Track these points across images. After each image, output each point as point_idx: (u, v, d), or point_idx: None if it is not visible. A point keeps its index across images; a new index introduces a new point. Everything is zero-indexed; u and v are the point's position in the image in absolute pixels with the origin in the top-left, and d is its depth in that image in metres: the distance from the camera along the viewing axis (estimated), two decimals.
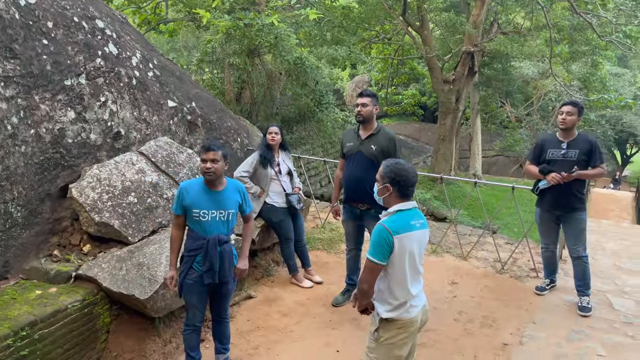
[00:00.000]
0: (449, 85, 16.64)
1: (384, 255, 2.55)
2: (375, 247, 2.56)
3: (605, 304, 4.74)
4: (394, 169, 2.69)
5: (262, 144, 4.99)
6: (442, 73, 16.86)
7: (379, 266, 2.57)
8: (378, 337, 2.70)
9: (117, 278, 3.81)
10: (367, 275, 2.61)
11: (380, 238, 2.56)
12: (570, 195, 4.52)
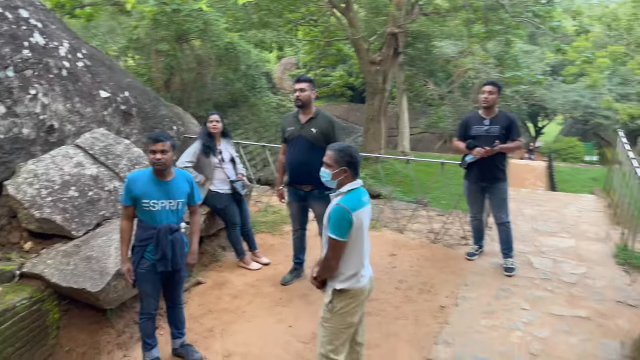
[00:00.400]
0: (375, 66, 17.05)
1: (345, 232, 2.75)
2: (336, 226, 2.75)
3: (526, 263, 5.25)
4: (348, 152, 2.88)
5: (203, 133, 5.03)
6: (369, 54, 17.24)
7: (342, 243, 2.77)
8: (332, 308, 2.92)
9: (66, 273, 3.79)
10: (333, 252, 2.80)
11: (340, 217, 2.75)
12: (494, 168, 4.94)
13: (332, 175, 2.88)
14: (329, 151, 2.93)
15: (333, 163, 2.90)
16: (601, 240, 5.90)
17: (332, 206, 2.83)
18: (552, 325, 4.14)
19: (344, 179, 2.89)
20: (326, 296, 2.98)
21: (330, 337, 2.95)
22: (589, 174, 17.87)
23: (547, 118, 40.69)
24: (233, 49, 8.63)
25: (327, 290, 2.99)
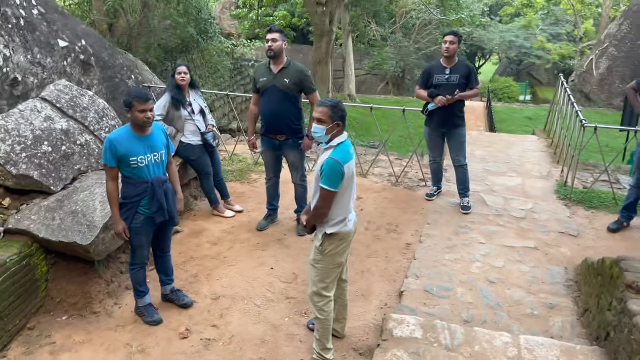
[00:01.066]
0: (321, 8, 16.81)
1: (337, 183, 2.99)
2: (329, 178, 2.97)
3: (480, 201, 5.74)
4: (341, 107, 3.07)
5: (172, 85, 5.00)
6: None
7: (333, 193, 3.01)
8: (323, 250, 3.20)
9: (53, 228, 3.85)
10: (325, 202, 3.03)
11: (333, 169, 2.97)
12: (453, 115, 5.29)
13: (326, 130, 3.06)
14: (322, 107, 3.08)
15: (327, 119, 3.06)
16: (544, 178, 6.50)
17: (323, 159, 3.04)
18: (505, 255, 4.66)
19: (335, 133, 3.09)
20: (316, 240, 3.24)
21: (322, 276, 3.25)
22: (523, 113, 18.84)
23: (483, 57, 41.88)
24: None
25: (317, 235, 3.25)
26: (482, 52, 38.26)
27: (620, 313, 3.18)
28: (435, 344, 3.41)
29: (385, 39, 26.52)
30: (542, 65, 33.60)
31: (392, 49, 26.02)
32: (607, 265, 3.63)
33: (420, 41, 28.75)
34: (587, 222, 5.31)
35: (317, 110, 3.07)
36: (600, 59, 20.40)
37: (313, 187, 3.22)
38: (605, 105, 19.40)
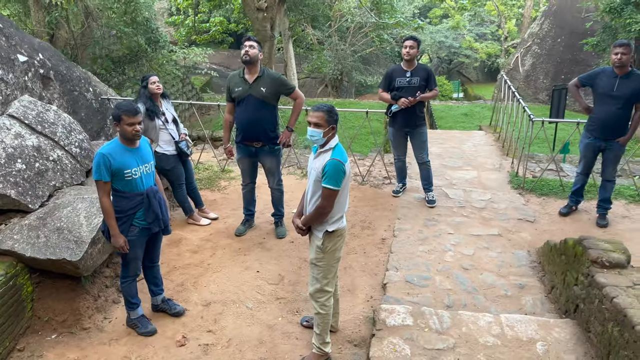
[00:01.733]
0: (262, 13, 16.92)
1: (340, 182, 3.16)
2: (333, 178, 3.14)
3: (443, 195, 6.10)
4: (335, 111, 3.24)
5: (144, 96, 4.99)
6: (254, 1, 17.03)
7: (337, 192, 3.18)
8: (324, 248, 3.37)
9: (39, 246, 3.80)
10: (329, 201, 3.19)
11: (337, 170, 3.14)
12: (415, 115, 5.61)
13: (323, 133, 3.23)
14: (319, 112, 3.23)
15: (324, 122, 3.23)
16: (497, 170, 6.98)
17: (325, 161, 3.20)
18: (474, 244, 5.01)
19: (330, 136, 3.28)
20: (316, 240, 3.39)
21: (325, 272, 3.42)
22: (459, 110, 19.72)
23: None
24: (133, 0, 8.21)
25: (316, 235, 3.40)
26: None
27: (589, 286, 3.55)
28: (427, 329, 3.66)
29: (322, 42, 26.93)
30: (471, 64, 35.30)
31: (330, 53, 26.47)
32: (570, 245, 4.02)
33: (356, 44, 29.44)
34: (541, 208, 5.78)
35: (313, 115, 3.22)
36: (525, 57, 21.72)
37: (311, 189, 3.37)
38: (532, 100, 20.64)
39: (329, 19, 26.42)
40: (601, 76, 5.03)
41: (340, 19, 27.31)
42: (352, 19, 27.22)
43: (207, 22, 27.43)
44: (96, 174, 3.44)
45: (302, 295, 4.34)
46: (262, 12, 16.72)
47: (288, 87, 4.81)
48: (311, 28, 25.91)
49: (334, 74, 27.47)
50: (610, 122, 5.00)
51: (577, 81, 5.28)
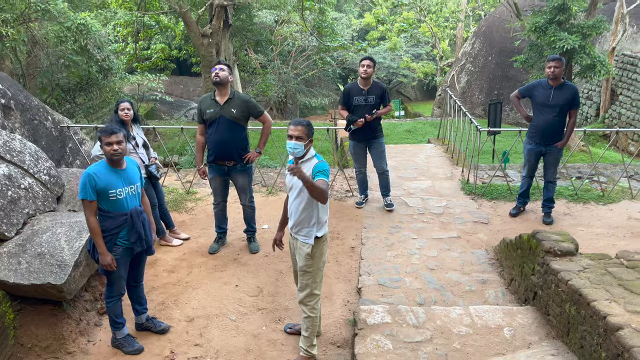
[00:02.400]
0: (207, 39, 17.10)
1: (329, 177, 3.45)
2: (326, 173, 3.41)
3: (403, 204, 6.47)
4: (311, 125, 3.52)
5: (115, 121, 5.08)
6: (199, 27, 17.18)
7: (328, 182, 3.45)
8: (313, 254, 3.59)
9: (22, 272, 3.81)
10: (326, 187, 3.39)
11: (326, 168, 3.45)
12: (374, 129, 6.00)
13: (304, 145, 3.49)
14: (300, 126, 3.48)
15: (305, 136, 3.49)
16: (449, 179, 7.45)
17: (312, 165, 3.46)
18: (436, 246, 5.38)
19: (309, 147, 3.55)
20: (305, 247, 3.59)
21: (314, 277, 3.64)
22: (403, 127, 20.49)
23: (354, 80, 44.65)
24: (87, 30, 8.21)
25: (304, 243, 3.60)
26: (354, 75, 40.70)
27: (545, 274, 3.96)
28: (404, 325, 3.95)
29: (265, 66, 27.32)
30: (409, 83, 36.73)
31: (273, 76, 26.88)
32: (525, 240, 4.44)
33: (298, 67, 30.06)
34: (493, 211, 6.25)
35: (295, 129, 3.47)
36: (461, 74, 22.96)
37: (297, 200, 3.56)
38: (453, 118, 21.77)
39: (272, 43, 26.91)
40: (538, 88, 5.58)
41: (282, 43, 27.90)
42: (293, 43, 27.89)
43: (148, 49, 27.24)
44: (82, 193, 3.53)
45: (283, 305, 4.53)
46: (207, 38, 16.88)
47: (257, 110, 5.05)
48: (253, 52, 26.28)
49: (279, 97, 27.88)
50: (548, 128, 5.54)
51: (518, 93, 5.81)
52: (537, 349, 3.66)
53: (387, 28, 32.14)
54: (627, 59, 15.56)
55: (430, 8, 26.35)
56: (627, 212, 5.96)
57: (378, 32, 35.59)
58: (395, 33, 31.87)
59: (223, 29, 17.44)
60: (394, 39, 31.21)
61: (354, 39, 33.10)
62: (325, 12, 21.73)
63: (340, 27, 33.46)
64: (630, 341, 2.84)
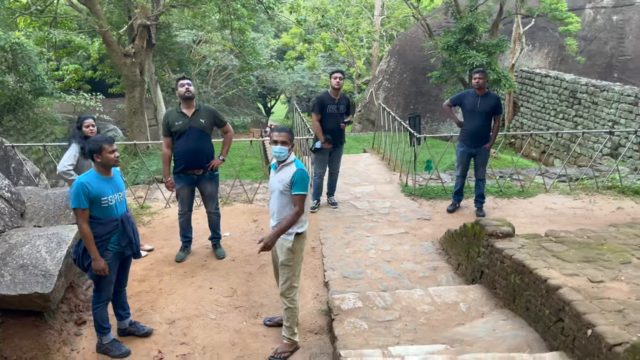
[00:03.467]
0: (130, 59, 16.93)
1: (307, 187, 3.80)
2: (302, 185, 3.75)
3: (352, 207, 6.98)
4: (292, 132, 3.89)
5: (79, 136, 5.16)
6: (120, 47, 16.96)
7: (306, 195, 3.80)
8: (294, 249, 3.95)
9: (7, 284, 3.86)
10: (302, 204, 3.77)
11: (304, 177, 3.77)
12: (342, 135, 6.54)
13: (288, 150, 3.85)
14: (284, 132, 3.84)
15: (288, 140, 3.86)
16: (389, 183, 8.08)
17: (292, 172, 3.81)
18: (389, 241, 5.92)
19: (291, 150, 3.92)
20: (286, 243, 3.93)
21: (294, 270, 4.00)
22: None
23: (274, 98, 45.29)
24: (21, 50, 8.03)
25: (286, 239, 3.94)
26: (275, 93, 41.41)
27: (490, 254, 4.60)
28: (375, 308, 4.41)
29: None
30: None
31: None
32: (469, 228, 5.08)
33: (218, 86, 30.19)
34: (432, 209, 6.92)
35: (280, 135, 3.83)
36: (378, 91, 24.19)
37: (278, 202, 3.93)
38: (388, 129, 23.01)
39: (192, 62, 26.87)
40: (467, 97, 6.35)
41: (202, 62, 27.94)
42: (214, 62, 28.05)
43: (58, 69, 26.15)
44: (74, 201, 3.68)
45: (258, 302, 4.83)
46: (131, 58, 16.72)
47: (222, 120, 5.37)
48: (171, 72, 26.07)
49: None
50: (477, 132, 6.30)
51: (449, 102, 6.56)
52: (490, 317, 4.26)
53: (306, 48, 33.13)
54: (525, 74, 17.32)
55: (347, 28, 27.57)
56: (544, 204, 6.86)
57: (295, 52, 36.58)
58: (313, 53, 32.93)
59: (146, 48, 17.36)
60: (312, 58, 32.20)
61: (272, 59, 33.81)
62: (246, 32, 22.16)
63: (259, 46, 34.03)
64: (569, 297, 3.49)
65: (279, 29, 43.88)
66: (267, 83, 36.10)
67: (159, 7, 17.53)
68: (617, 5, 18.76)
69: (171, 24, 19.53)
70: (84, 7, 15.70)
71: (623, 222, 6.04)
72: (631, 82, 16.74)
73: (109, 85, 23.98)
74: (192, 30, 23.80)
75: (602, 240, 4.50)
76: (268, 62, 17.74)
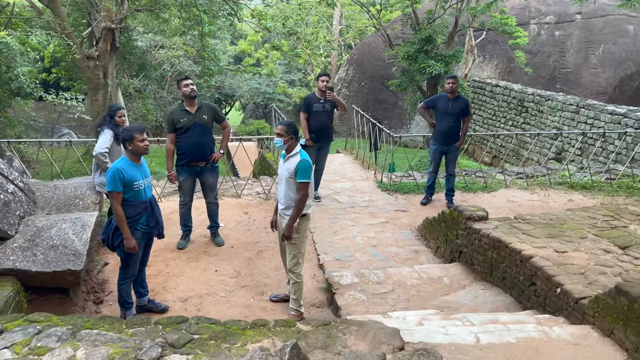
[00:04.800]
0: (94, 62, 16.90)
1: (310, 175, 4.30)
2: (306, 173, 4.25)
3: (334, 201, 7.53)
4: (292, 125, 4.40)
5: (111, 124, 5.50)
6: (83, 49, 16.90)
7: (309, 183, 4.30)
8: (299, 229, 4.45)
9: (41, 262, 4.17)
10: (305, 190, 4.28)
11: (307, 166, 4.29)
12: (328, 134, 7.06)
13: (284, 141, 4.35)
14: (280, 126, 4.39)
15: (284, 133, 4.37)
16: (365, 180, 8.70)
17: (294, 164, 4.30)
18: (372, 229, 6.51)
19: (292, 144, 4.40)
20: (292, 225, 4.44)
21: (300, 248, 4.50)
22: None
23: (229, 104, 45.43)
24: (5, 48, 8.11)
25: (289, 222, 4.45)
26: (232, 99, 41.54)
27: (468, 235, 5.26)
28: (370, 283, 4.97)
29: (140, 90, 27.01)
30: (285, 108, 38.44)
31: (151, 100, 26.69)
32: (448, 214, 5.75)
33: (175, 91, 30.16)
34: (407, 202, 7.58)
35: (278, 129, 4.38)
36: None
37: (284, 187, 4.43)
38: (347, 135, 23.75)
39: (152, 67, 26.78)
40: (439, 100, 7.05)
41: (160, 67, 27.89)
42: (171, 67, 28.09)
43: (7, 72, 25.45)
44: (110, 185, 4.06)
45: (261, 282, 5.29)
46: (94, 61, 16.68)
47: (221, 116, 5.81)
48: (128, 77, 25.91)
49: (157, 122, 27.72)
50: (448, 131, 7.00)
51: (424, 104, 7.25)
52: (470, 288, 4.92)
53: (263, 55, 33.61)
54: (477, 84, 18.50)
55: (307, 37, 28.23)
56: (506, 197, 7.65)
57: (253, 59, 36.98)
58: (271, 60, 33.44)
59: (110, 51, 17.36)
60: (270, 65, 32.69)
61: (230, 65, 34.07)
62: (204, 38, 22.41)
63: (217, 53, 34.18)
64: (540, 263, 4.17)
65: (235, 36, 44.16)
66: (223, 89, 36.28)
67: (124, 10, 17.63)
68: (559, 22, 20.33)
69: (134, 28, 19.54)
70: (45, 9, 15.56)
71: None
72: (572, 92, 18.21)
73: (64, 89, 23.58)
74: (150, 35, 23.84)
75: (561, 221, 5.25)
76: (235, 68, 18.06)
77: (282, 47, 22.55)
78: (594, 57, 19.40)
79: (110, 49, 17.18)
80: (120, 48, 20.31)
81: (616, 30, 19.54)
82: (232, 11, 18.35)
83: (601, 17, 20.11)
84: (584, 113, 13.13)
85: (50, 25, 16.09)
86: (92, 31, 18.28)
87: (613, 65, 18.90)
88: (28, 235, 4.40)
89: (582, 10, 20.23)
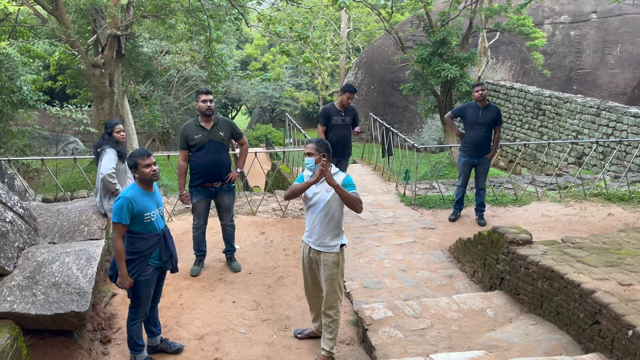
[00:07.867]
0: (99, 69, 16.53)
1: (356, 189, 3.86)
2: (354, 185, 3.82)
3: (356, 217, 7.03)
4: (323, 142, 3.93)
5: (112, 141, 5.08)
6: (89, 57, 16.55)
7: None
8: (339, 262, 3.96)
9: (41, 303, 3.72)
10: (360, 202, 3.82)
11: (352, 181, 3.85)
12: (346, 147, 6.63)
13: (315, 160, 3.87)
14: (310, 144, 3.91)
15: (315, 151, 3.90)
16: (386, 193, 8.21)
17: (343, 178, 3.86)
18: (400, 250, 6.02)
19: (320, 160, 3.87)
20: (331, 257, 3.90)
21: (340, 282, 4.01)
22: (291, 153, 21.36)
23: (234, 109, 45.12)
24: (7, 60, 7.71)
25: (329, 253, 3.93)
26: (238, 104, 41.23)
27: (511, 261, 4.76)
28: (405, 317, 4.48)
29: (147, 97, 26.67)
30: (292, 112, 38.05)
31: (158, 107, 26.33)
32: (485, 235, 5.25)
33: (181, 97, 29.84)
34: (434, 218, 7.09)
35: (307, 147, 3.90)
36: None
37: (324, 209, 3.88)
38: (358, 140, 23.31)
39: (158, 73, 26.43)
40: (468, 109, 6.56)
41: (165, 73, 27.52)
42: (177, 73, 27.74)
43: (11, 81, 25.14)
44: (116, 216, 3.60)
45: (284, 315, 4.82)
46: (100, 69, 16.31)
47: (239, 133, 5.35)
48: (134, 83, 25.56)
49: (164, 128, 27.36)
50: (479, 143, 6.52)
51: (451, 114, 6.77)
52: (519, 322, 4.41)
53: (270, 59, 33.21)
54: (491, 86, 17.97)
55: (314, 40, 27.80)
56: (539, 211, 7.15)
57: (259, 63, 36.59)
58: (277, 64, 33.04)
59: (116, 59, 16.98)
60: (277, 69, 32.28)
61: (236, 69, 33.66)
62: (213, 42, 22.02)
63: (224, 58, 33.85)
64: (605, 300, 3.66)
65: (241, 40, 43.82)
66: (230, 94, 35.91)
67: (129, 17, 17.25)
68: (574, 21, 19.78)
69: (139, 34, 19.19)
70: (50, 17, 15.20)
71: (616, 227, 6.38)
72: (589, 93, 17.67)
73: (71, 97, 23.23)
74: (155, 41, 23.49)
75: (617, 245, 4.74)
76: (245, 74, 17.62)
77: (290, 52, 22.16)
78: (611, 57, 18.85)
79: (116, 56, 16.79)
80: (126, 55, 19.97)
81: (634, 29, 18.98)
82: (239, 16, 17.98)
83: (618, 16, 19.56)
84: (605, 116, 12.61)
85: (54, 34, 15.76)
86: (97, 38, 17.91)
87: (632, 65, 18.33)
88: (27, 271, 3.94)
89: (597, 10, 19.71)
